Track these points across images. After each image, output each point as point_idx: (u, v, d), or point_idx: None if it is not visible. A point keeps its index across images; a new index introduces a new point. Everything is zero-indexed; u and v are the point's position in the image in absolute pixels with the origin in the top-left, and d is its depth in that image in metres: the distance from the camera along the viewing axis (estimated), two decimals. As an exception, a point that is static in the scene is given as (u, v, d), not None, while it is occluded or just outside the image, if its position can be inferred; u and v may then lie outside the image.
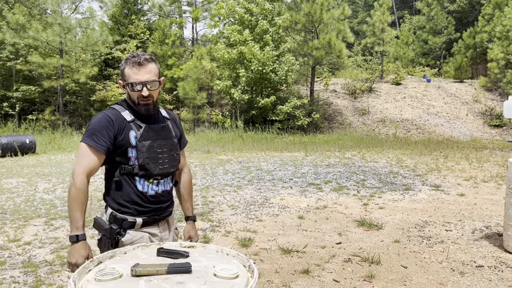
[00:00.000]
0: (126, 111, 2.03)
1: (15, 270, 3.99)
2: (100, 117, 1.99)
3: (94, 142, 1.93)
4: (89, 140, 1.94)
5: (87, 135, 1.96)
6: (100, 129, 1.95)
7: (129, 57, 2.01)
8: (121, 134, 1.98)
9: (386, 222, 5.49)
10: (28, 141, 12.95)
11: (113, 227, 1.99)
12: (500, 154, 12.20)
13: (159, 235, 2.12)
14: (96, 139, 1.94)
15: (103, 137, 1.94)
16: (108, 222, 2.02)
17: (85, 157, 1.94)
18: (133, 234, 2.01)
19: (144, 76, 1.96)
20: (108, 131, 1.95)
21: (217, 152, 13.06)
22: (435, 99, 21.68)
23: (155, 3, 24.52)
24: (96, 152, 1.94)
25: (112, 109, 2.04)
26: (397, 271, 3.88)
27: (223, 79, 19.40)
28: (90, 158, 1.94)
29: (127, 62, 1.99)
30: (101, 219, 2.05)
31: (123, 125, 1.99)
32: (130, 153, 1.99)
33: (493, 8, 24.94)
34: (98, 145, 1.93)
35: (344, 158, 11.40)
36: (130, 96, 2.03)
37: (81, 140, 1.99)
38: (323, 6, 18.65)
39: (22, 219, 5.74)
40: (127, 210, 2.02)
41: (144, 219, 2.04)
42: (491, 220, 5.58)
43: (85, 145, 1.95)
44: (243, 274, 1.48)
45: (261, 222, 5.57)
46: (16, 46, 19.65)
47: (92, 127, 1.97)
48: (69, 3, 20.81)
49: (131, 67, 1.97)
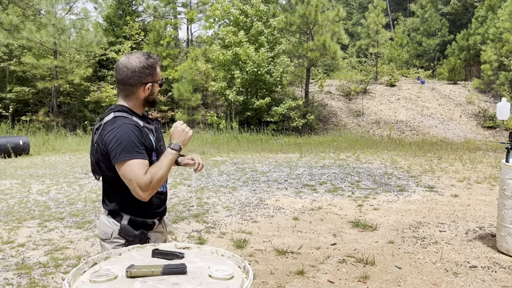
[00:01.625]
0: (134, 118, 1.98)
1: (8, 272, 3.97)
2: (126, 128, 1.88)
3: (139, 154, 1.85)
4: (133, 154, 1.83)
5: (127, 150, 1.83)
6: (135, 139, 1.87)
7: (152, 56, 2.03)
8: (146, 140, 1.96)
9: (381, 223, 5.51)
10: (22, 142, 12.87)
11: (143, 231, 1.99)
12: (493, 156, 12.29)
13: (164, 233, 2.20)
14: (138, 149, 1.86)
15: (141, 145, 1.89)
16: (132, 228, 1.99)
17: (138, 169, 1.82)
18: (153, 236, 2.06)
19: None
20: (141, 138, 1.91)
21: (212, 153, 13.05)
22: (429, 100, 21.79)
23: (150, 4, 24.46)
24: (144, 162, 1.86)
25: (124, 118, 1.95)
26: (391, 272, 3.89)
27: (218, 80, 19.39)
28: (143, 167, 1.84)
29: (157, 62, 2.03)
30: (127, 226, 1.99)
31: (144, 131, 1.97)
32: (153, 157, 1.98)
33: (487, 11, 25.12)
34: (143, 155, 1.87)
35: (338, 159, 11.43)
36: (152, 95, 2.06)
37: (122, 159, 1.83)
38: (318, 8, 18.69)
39: (15, 221, 5.71)
40: (147, 213, 2.03)
41: (158, 219, 2.11)
42: (484, 221, 5.62)
43: (132, 161, 1.83)
44: (238, 275, 1.48)
45: (256, 223, 5.57)
46: (9, 46, 19.52)
47: (126, 140, 1.85)
48: (64, 4, 20.72)
49: (159, 67, 2.05)
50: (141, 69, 1.97)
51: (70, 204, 6.70)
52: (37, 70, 19.23)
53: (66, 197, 7.19)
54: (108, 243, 2.00)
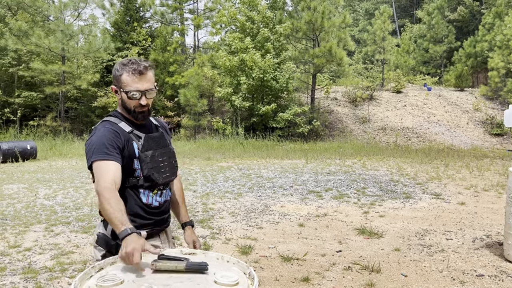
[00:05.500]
0: (122, 123, 1.94)
1: (15, 276, 3.99)
2: (103, 131, 1.86)
3: (109, 156, 1.79)
4: (102, 155, 1.79)
5: (96, 152, 1.80)
6: (108, 141, 1.82)
7: (127, 63, 1.90)
8: (127, 145, 1.89)
9: (387, 230, 5.49)
10: (29, 147, 12.98)
11: (119, 243, 1.84)
12: (500, 163, 12.20)
13: (161, 247, 2.05)
14: (108, 151, 1.80)
15: (114, 149, 1.82)
16: (111, 238, 1.92)
17: (105, 172, 1.76)
18: None
19: (144, 85, 1.89)
20: (117, 142, 1.84)
21: (217, 159, 13.07)
22: (435, 107, 21.72)
23: (157, 11, 24.67)
24: (115, 165, 1.80)
25: (108, 122, 1.93)
26: (397, 280, 3.87)
27: (224, 86, 19.48)
28: (112, 170, 1.78)
29: (124, 68, 1.89)
30: (105, 235, 1.96)
31: (126, 136, 1.90)
32: (135, 165, 1.91)
33: (494, 18, 25.07)
34: (112, 157, 1.80)
35: (344, 166, 11.40)
36: (124, 103, 1.93)
37: (91, 161, 1.81)
38: (324, 15, 18.75)
39: (22, 225, 5.75)
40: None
41: (148, 231, 1.96)
42: (491, 229, 5.57)
43: (99, 162, 1.79)
44: (243, 281, 1.49)
45: (261, 230, 5.56)
46: (18, 52, 19.76)
47: (98, 141, 1.83)
48: (72, 10, 20.96)
49: (131, 75, 1.87)
50: (113, 71, 1.96)
51: (77, 208, 6.74)
52: (45, 76, 19.43)
53: (72, 201, 7.23)
54: (97, 249, 1.98)
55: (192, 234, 2.23)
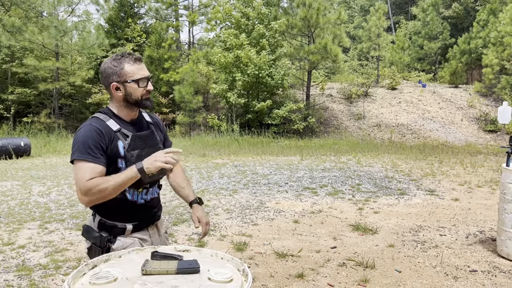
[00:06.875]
0: (111, 120, 1.94)
1: (9, 273, 3.97)
2: (88, 129, 1.87)
3: (92, 157, 1.81)
4: (85, 156, 1.81)
5: (80, 150, 1.82)
6: (92, 142, 1.82)
7: (122, 55, 1.92)
8: (110, 145, 1.88)
9: (381, 226, 5.51)
10: (23, 144, 12.90)
11: (103, 234, 1.93)
12: (494, 159, 12.28)
13: (149, 240, 2.08)
14: (92, 153, 1.81)
15: (98, 150, 1.83)
16: (97, 230, 1.96)
17: (86, 173, 1.79)
18: (123, 240, 1.97)
19: (147, 71, 1.96)
20: (101, 143, 1.84)
21: (212, 155, 13.06)
22: (430, 104, 21.79)
23: (152, 7, 24.53)
24: (96, 168, 1.81)
25: (96, 118, 1.93)
26: (391, 276, 3.89)
27: (219, 83, 19.43)
28: (93, 172, 1.80)
29: (123, 60, 1.91)
30: (90, 227, 1.99)
31: (111, 135, 1.89)
32: (120, 164, 1.90)
33: (488, 14, 25.15)
34: (97, 160, 1.82)
35: (339, 163, 11.43)
36: (130, 96, 1.93)
37: (73, 158, 1.83)
38: (319, 11, 18.73)
39: (16, 222, 5.72)
40: (115, 217, 1.97)
41: (134, 224, 2.00)
42: (485, 225, 5.61)
43: (82, 162, 1.81)
44: (237, 278, 1.49)
45: (256, 226, 5.57)
46: (11, 48, 19.60)
47: (82, 140, 1.83)
48: (66, 6, 20.84)
49: (133, 64, 1.91)
50: (107, 69, 1.93)
51: (71, 206, 6.71)
52: (38, 72, 19.30)
53: (67, 199, 7.20)
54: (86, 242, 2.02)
55: (197, 210, 2.20)
